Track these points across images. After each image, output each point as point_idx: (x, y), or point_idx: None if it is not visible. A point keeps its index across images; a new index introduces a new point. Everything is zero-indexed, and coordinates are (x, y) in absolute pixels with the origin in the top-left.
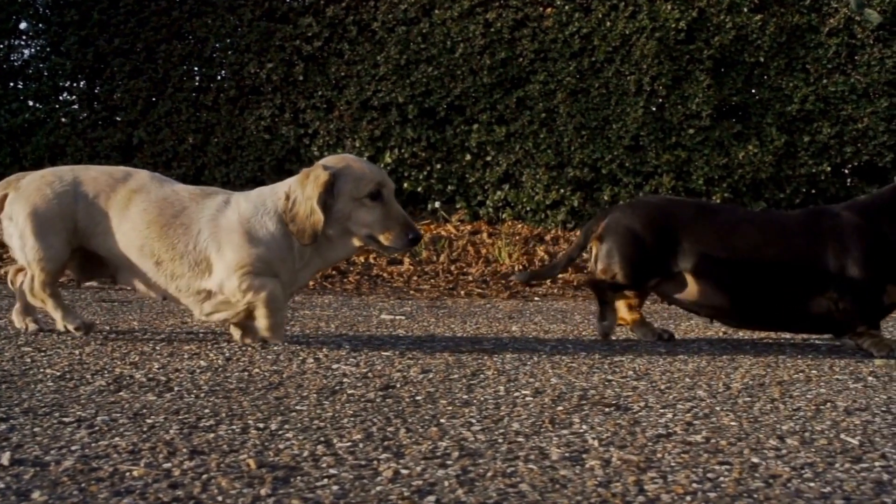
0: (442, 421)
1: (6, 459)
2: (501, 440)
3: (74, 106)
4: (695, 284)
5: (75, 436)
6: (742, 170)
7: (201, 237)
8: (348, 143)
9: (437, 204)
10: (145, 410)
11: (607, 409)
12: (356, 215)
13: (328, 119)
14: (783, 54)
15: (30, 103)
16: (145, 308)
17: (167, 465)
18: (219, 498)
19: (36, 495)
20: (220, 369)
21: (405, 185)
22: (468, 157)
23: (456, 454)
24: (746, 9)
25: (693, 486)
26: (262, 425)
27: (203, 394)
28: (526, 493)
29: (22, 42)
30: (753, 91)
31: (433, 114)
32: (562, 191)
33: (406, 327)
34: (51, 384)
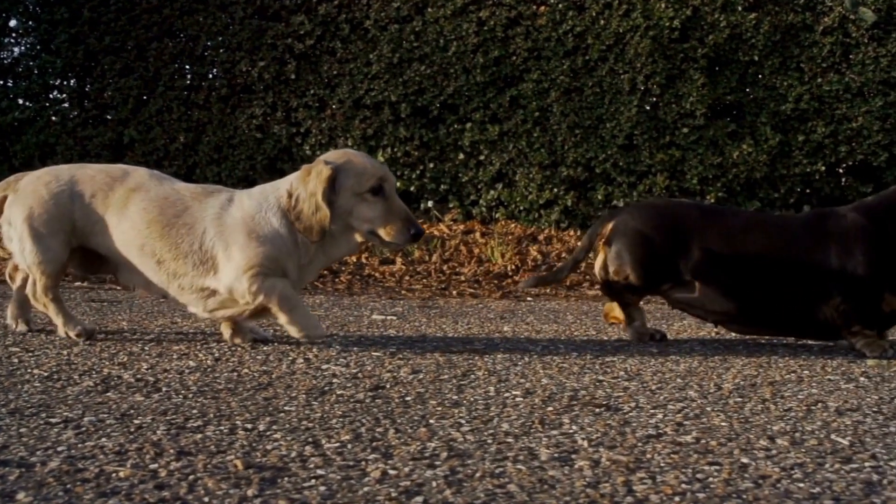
0: (431, 421)
1: None
2: (491, 441)
3: (65, 104)
4: (704, 289)
5: (62, 437)
6: (736, 169)
7: (207, 236)
8: (341, 142)
9: (430, 203)
10: (133, 411)
11: (597, 410)
12: (358, 211)
13: (320, 118)
14: (777, 53)
15: (20, 102)
16: (135, 308)
17: (154, 466)
18: (205, 499)
19: (21, 496)
20: (209, 370)
21: (398, 185)
22: (461, 157)
23: (445, 455)
24: (741, 7)
25: (682, 487)
26: (251, 426)
27: (191, 394)
28: (514, 494)
29: (12, 40)
30: (748, 90)
31: (426, 112)
32: (555, 190)
33: (397, 327)
34: (38, 385)
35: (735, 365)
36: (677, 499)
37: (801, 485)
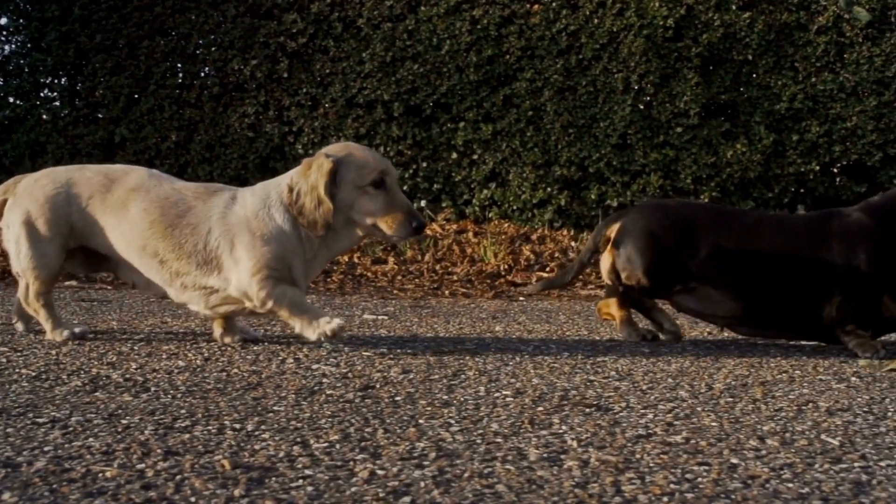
0: (420, 421)
1: None
2: (480, 441)
3: (55, 103)
4: (712, 291)
5: (49, 436)
6: (730, 169)
7: (212, 236)
8: (333, 141)
9: (423, 203)
10: (120, 411)
11: (588, 410)
12: (359, 204)
13: (313, 117)
14: (772, 52)
15: (10, 100)
16: (124, 308)
17: (141, 466)
18: (192, 499)
19: (6, 496)
20: (199, 370)
21: None
22: (454, 156)
23: (433, 455)
24: (735, 6)
25: (671, 487)
26: (239, 426)
27: (180, 394)
28: (502, 494)
29: (2, 38)
30: (742, 89)
31: (419, 111)
32: (549, 189)
33: (388, 327)
34: (25, 384)
35: (726, 365)
36: (666, 499)
37: (791, 485)
